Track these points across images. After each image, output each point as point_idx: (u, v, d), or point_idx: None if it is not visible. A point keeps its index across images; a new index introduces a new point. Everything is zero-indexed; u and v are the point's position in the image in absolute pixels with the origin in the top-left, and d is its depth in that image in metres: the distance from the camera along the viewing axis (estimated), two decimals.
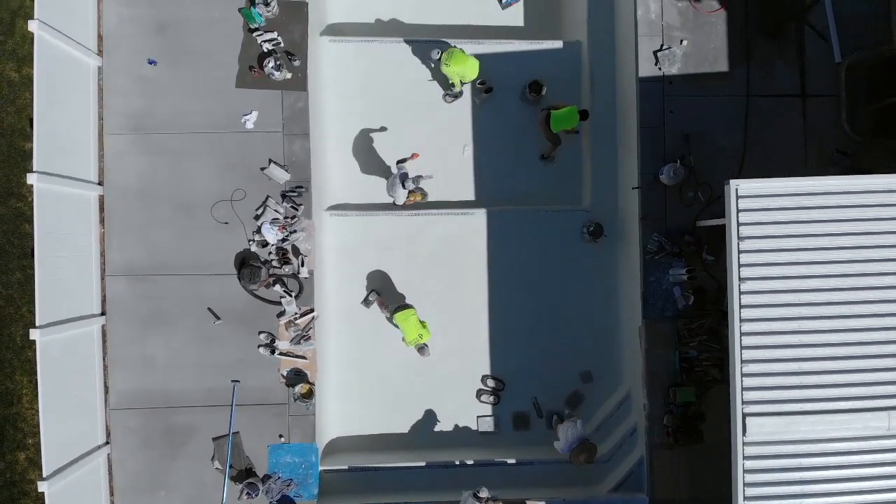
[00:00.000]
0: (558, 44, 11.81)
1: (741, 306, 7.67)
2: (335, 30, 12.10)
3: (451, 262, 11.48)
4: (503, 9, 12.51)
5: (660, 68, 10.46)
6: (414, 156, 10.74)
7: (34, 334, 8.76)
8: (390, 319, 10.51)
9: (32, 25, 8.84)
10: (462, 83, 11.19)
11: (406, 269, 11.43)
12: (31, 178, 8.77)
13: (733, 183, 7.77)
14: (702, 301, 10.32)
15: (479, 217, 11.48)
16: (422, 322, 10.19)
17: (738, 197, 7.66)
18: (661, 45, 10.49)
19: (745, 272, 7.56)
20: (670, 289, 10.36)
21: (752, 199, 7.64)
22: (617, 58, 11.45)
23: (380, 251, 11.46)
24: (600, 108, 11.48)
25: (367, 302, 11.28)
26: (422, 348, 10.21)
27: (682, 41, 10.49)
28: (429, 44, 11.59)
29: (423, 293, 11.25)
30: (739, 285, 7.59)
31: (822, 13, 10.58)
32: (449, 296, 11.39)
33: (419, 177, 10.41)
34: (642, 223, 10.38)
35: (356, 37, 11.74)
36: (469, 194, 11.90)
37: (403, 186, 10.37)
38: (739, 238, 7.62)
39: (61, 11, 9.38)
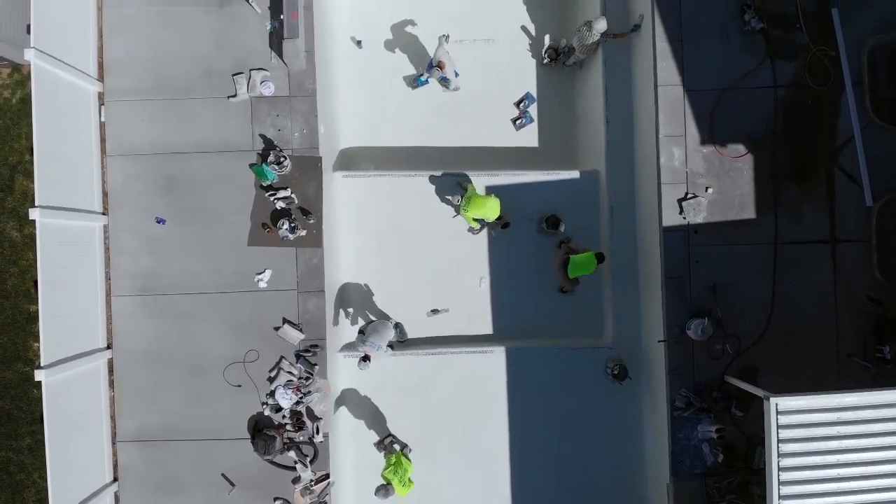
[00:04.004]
0: (575, 174, 11.49)
1: None
2: (347, 156, 11.79)
3: (469, 403, 11.18)
4: (517, 130, 12.19)
5: (684, 217, 10.11)
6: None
7: None
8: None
9: (34, 213, 8.51)
10: (483, 225, 10.89)
11: (422, 412, 11.12)
12: (39, 375, 8.47)
13: (773, 400, 7.46)
14: (731, 458, 10.02)
15: (498, 355, 11.16)
16: (402, 470, 9.70)
17: (777, 413, 7.34)
18: (686, 194, 10.14)
19: (785, 490, 7.25)
20: (699, 445, 10.06)
21: (793, 414, 7.32)
22: (637, 188, 11.10)
23: (395, 392, 11.17)
24: (620, 240, 11.13)
25: (380, 445, 10.97)
26: (384, 487, 9.60)
27: (707, 188, 10.14)
28: (443, 177, 11.29)
29: (440, 436, 10.98)
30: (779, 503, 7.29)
31: (852, 155, 10.21)
32: (466, 439, 11.11)
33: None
34: (669, 378, 10.06)
35: (369, 172, 11.42)
36: (487, 328, 11.60)
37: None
38: (780, 455, 7.30)
39: (62, 182, 9.07)
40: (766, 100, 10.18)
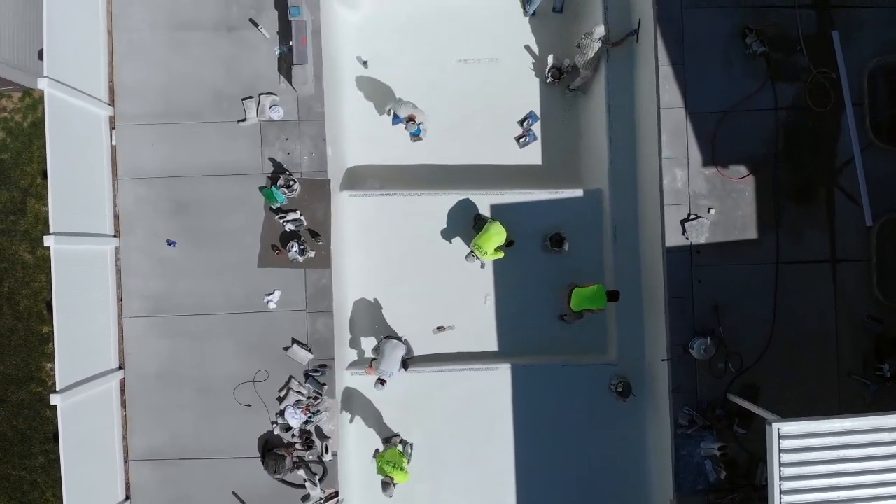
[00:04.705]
0: (578, 192, 11.62)
1: None
2: (353, 174, 11.91)
3: (475, 420, 11.31)
4: (521, 147, 12.31)
5: (687, 238, 10.27)
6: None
7: None
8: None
9: (48, 240, 8.66)
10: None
11: (428, 428, 11.26)
12: (55, 399, 8.62)
13: (775, 425, 7.62)
14: (733, 474, 10.17)
15: (504, 373, 11.31)
16: (401, 456, 9.90)
17: (779, 437, 7.50)
18: (689, 215, 10.29)
19: None
20: (702, 462, 10.21)
21: (794, 439, 7.48)
22: (639, 207, 11.24)
23: (402, 409, 11.31)
24: (623, 259, 11.28)
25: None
26: (387, 484, 9.81)
27: (709, 209, 10.30)
28: (447, 196, 11.43)
29: (446, 452, 11.12)
30: None
31: (852, 176, 10.37)
32: (473, 455, 11.24)
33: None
34: (673, 395, 10.22)
35: (375, 191, 11.55)
36: (492, 345, 11.74)
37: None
38: (782, 478, 7.46)
39: (75, 207, 9.22)
40: (768, 122, 10.33)
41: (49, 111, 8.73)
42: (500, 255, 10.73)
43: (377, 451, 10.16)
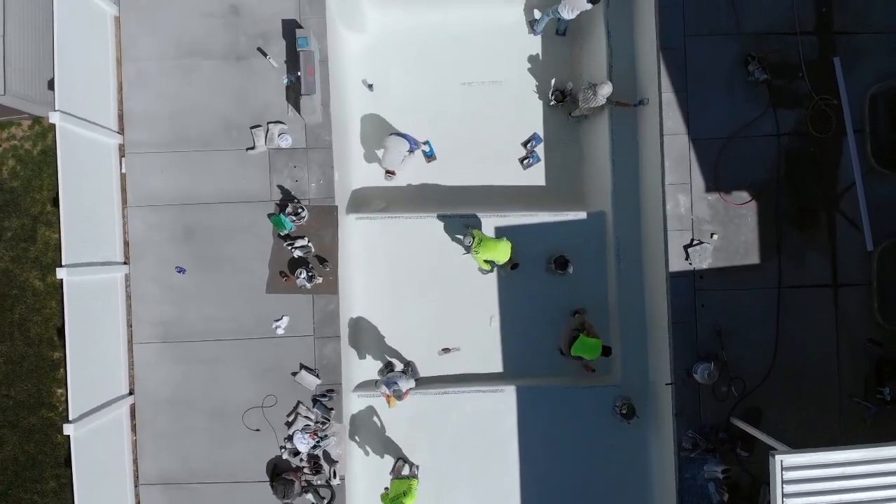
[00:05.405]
0: (582, 215, 11.73)
1: None
2: (359, 196, 12.03)
3: (480, 441, 11.43)
4: (524, 169, 12.43)
5: (690, 263, 10.39)
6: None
7: None
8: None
9: (61, 273, 8.77)
10: (494, 266, 11.15)
11: (434, 450, 11.38)
12: (68, 429, 8.73)
13: (778, 457, 7.74)
14: (736, 497, 10.31)
15: (509, 394, 11.43)
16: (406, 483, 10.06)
17: (782, 469, 7.62)
18: (692, 240, 10.41)
19: None
20: (705, 485, 10.34)
21: (797, 470, 7.61)
22: (643, 230, 11.36)
23: (408, 431, 11.43)
24: (626, 281, 11.40)
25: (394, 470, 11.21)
26: None
27: (712, 234, 10.42)
28: (452, 218, 11.55)
29: (452, 474, 11.24)
30: None
31: (853, 201, 10.49)
32: (478, 477, 11.37)
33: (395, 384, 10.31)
34: (676, 419, 10.34)
35: (381, 214, 11.66)
36: (497, 366, 11.86)
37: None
38: None
39: (86, 237, 9.34)
40: (770, 148, 10.45)
41: (61, 145, 8.83)
42: (487, 266, 11.07)
43: (385, 490, 10.20)
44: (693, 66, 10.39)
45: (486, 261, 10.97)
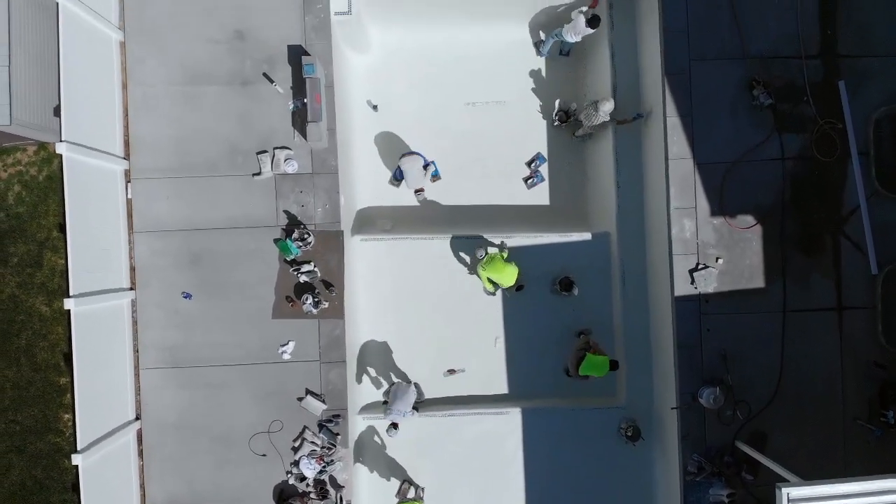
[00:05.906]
0: (587, 235, 11.76)
1: None
2: (364, 216, 12.05)
3: (486, 463, 11.46)
4: (528, 188, 12.45)
5: (696, 287, 10.41)
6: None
7: None
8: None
9: (69, 303, 8.79)
10: (497, 288, 11.17)
11: (439, 472, 11.40)
12: (76, 459, 8.75)
13: (784, 490, 7.77)
14: None
15: (514, 416, 11.45)
16: None
17: (788, 501, 7.65)
18: (697, 264, 10.43)
19: None
20: None
21: (803, 502, 7.65)
22: (647, 252, 11.37)
23: (413, 453, 11.45)
24: (631, 304, 11.41)
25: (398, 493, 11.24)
26: None
27: (717, 258, 10.43)
28: (458, 240, 11.58)
29: (457, 495, 11.27)
30: None
31: (858, 224, 10.51)
32: (483, 499, 11.40)
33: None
34: (682, 443, 10.36)
35: (386, 235, 11.68)
36: (502, 387, 11.89)
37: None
38: None
39: (93, 264, 9.35)
40: (775, 172, 10.46)
41: (68, 175, 8.84)
42: (490, 287, 11.13)
43: None
44: (698, 91, 10.40)
45: (490, 280, 10.97)
